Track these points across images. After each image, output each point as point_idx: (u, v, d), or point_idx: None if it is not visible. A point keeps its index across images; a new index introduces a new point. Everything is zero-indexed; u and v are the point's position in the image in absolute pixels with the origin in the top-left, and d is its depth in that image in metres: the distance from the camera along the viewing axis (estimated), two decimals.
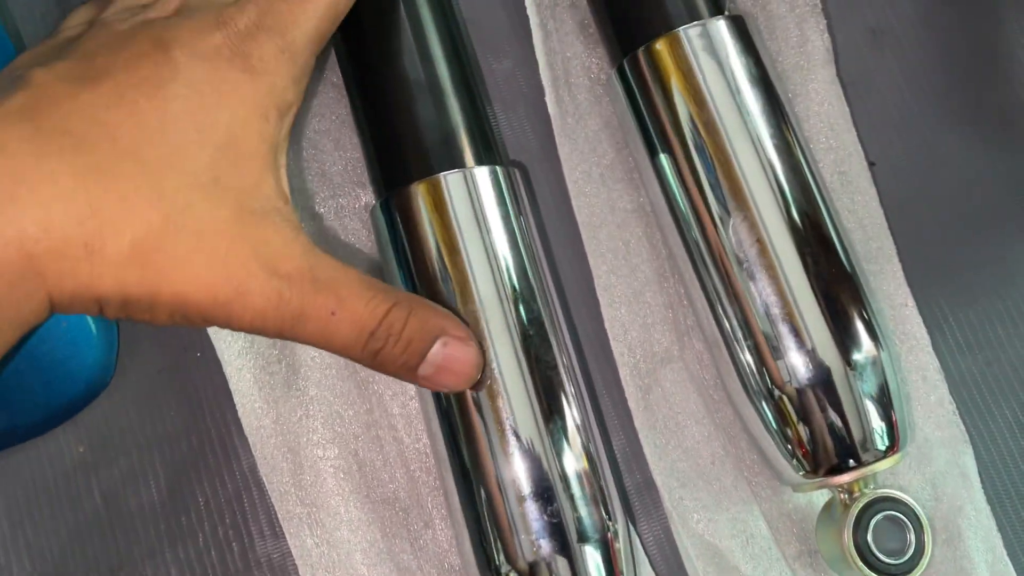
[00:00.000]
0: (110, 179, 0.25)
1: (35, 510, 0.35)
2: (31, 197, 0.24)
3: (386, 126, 0.33)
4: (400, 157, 0.32)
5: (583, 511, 0.30)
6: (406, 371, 0.29)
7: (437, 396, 0.31)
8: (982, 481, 0.35)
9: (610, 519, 0.31)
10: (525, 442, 0.30)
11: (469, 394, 0.31)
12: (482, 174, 0.32)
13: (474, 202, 0.32)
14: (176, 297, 0.26)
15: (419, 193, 0.32)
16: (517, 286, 0.32)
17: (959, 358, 0.37)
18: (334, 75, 0.38)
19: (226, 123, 0.27)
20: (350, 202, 0.37)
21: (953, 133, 0.39)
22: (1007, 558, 0.35)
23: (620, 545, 0.31)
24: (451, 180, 0.32)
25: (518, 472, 0.30)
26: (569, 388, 0.32)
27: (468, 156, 0.33)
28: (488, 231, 0.32)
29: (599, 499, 0.31)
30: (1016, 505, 0.35)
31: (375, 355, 0.28)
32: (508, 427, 0.30)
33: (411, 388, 0.35)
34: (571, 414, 0.31)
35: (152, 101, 0.26)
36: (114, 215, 0.25)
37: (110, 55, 0.27)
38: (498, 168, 0.33)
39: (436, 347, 0.28)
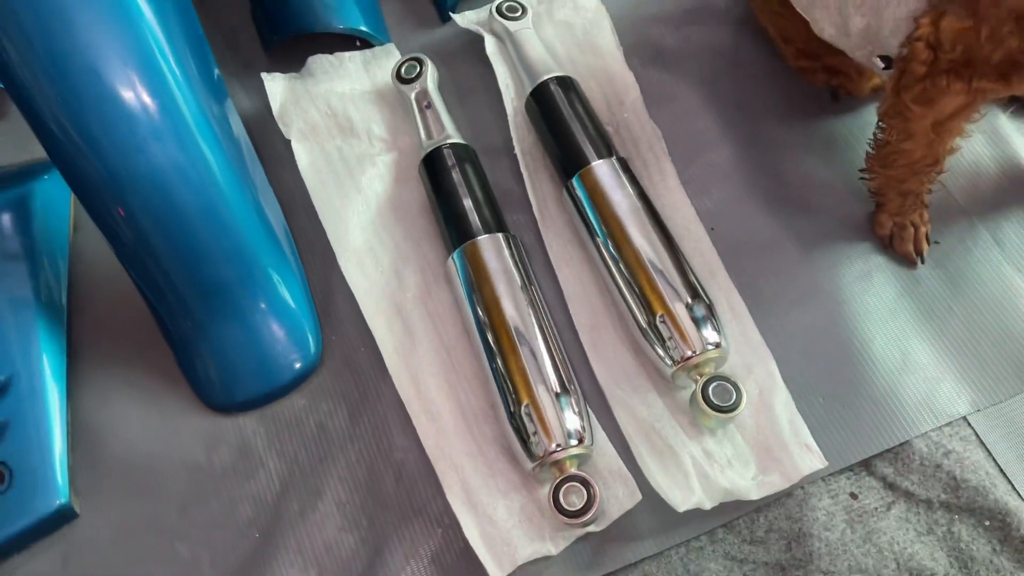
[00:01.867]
0: None
1: (281, 433, 0.67)
2: None
3: (454, 218, 0.69)
4: (459, 231, 0.68)
5: (562, 391, 0.61)
6: None
7: (487, 347, 0.63)
8: (783, 378, 0.64)
9: (577, 408, 0.61)
10: (535, 364, 0.62)
11: (508, 345, 0.62)
12: (503, 236, 0.67)
13: (499, 249, 0.66)
14: None
15: (472, 245, 0.66)
16: (527, 294, 0.65)
17: (769, 319, 0.67)
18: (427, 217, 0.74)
19: None
20: (429, 263, 0.71)
21: (760, 212, 0.73)
22: (799, 417, 0.63)
23: (580, 408, 0.61)
24: (487, 239, 0.67)
25: (530, 376, 0.61)
26: (553, 343, 0.64)
27: (495, 228, 0.68)
28: (507, 264, 0.66)
29: (571, 388, 0.61)
30: (805, 388, 0.64)
31: None
32: (525, 358, 0.62)
33: (470, 349, 0.67)
34: (555, 353, 0.63)
35: None
36: None
37: None
38: (509, 234, 0.68)
39: None
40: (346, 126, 0.78)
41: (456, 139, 0.74)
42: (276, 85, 0.79)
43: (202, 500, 0.66)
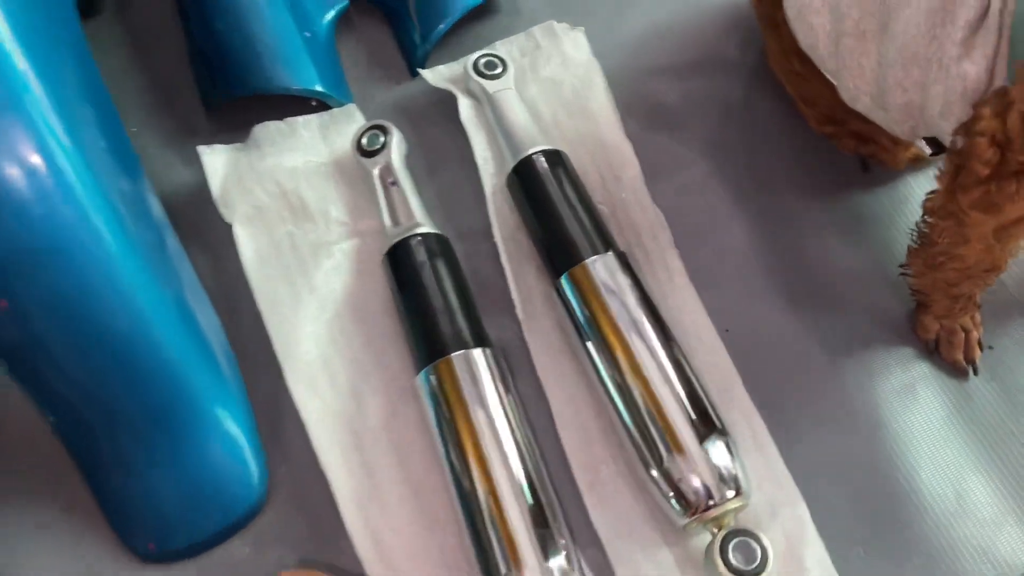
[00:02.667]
0: None
1: None
2: None
3: (423, 330, 0.58)
4: (429, 347, 0.57)
5: (553, 551, 0.50)
6: None
7: (462, 496, 0.53)
8: (814, 522, 0.54)
9: (569, 563, 0.51)
10: (521, 521, 0.51)
11: (488, 497, 0.52)
12: (480, 352, 0.56)
13: (476, 370, 0.56)
14: None
15: (444, 364, 0.56)
16: (509, 426, 0.54)
17: (794, 444, 0.57)
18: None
19: None
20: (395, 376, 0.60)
21: (780, 309, 0.62)
22: (834, 569, 0.53)
23: (576, 573, 0.51)
24: (461, 356, 0.56)
25: (516, 536, 0.51)
26: (543, 491, 0.53)
27: (471, 343, 0.57)
28: (483, 389, 0.55)
29: (563, 545, 0.51)
30: (841, 535, 0.54)
31: None
32: (509, 513, 0.51)
33: (443, 487, 0.56)
34: (544, 504, 0.52)
35: None
36: None
37: None
38: (489, 349, 0.57)
39: None
40: (298, 207, 0.67)
41: (427, 227, 0.63)
42: (216, 160, 0.68)
43: None
